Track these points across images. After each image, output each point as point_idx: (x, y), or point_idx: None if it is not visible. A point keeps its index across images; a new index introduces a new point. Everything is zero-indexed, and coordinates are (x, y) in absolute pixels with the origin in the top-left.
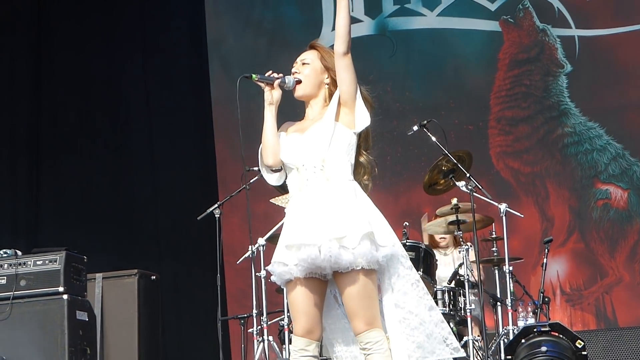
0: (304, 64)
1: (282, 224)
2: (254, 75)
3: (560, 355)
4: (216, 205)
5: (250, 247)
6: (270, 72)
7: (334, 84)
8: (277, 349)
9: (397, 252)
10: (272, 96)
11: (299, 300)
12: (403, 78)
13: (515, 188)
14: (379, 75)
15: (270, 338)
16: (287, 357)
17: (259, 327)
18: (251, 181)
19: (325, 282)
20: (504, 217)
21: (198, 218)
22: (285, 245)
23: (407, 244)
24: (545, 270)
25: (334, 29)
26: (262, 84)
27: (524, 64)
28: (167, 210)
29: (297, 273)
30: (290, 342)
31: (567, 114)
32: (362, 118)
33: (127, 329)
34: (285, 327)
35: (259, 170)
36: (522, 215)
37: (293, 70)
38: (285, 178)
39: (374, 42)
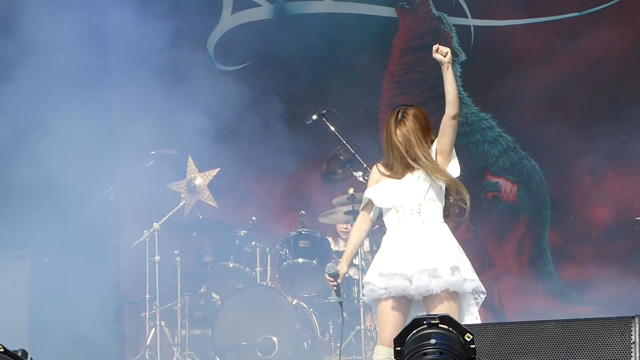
0: None
1: (178, 209)
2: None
3: (449, 348)
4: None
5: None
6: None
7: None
8: (169, 334)
9: (477, 287)
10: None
11: (389, 313)
12: (298, 62)
13: None
14: (274, 59)
15: (163, 323)
16: (177, 341)
17: (152, 311)
18: (148, 165)
19: (410, 301)
20: None
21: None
22: (378, 272)
23: (303, 232)
24: None
25: (232, 12)
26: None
27: (418, 50)
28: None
29: (385, 295)
30: (182, 327)
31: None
32: (454, 168)
33: (18, 308)
34: (178, 312)
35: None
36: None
37: None
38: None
39: (271, 26)
